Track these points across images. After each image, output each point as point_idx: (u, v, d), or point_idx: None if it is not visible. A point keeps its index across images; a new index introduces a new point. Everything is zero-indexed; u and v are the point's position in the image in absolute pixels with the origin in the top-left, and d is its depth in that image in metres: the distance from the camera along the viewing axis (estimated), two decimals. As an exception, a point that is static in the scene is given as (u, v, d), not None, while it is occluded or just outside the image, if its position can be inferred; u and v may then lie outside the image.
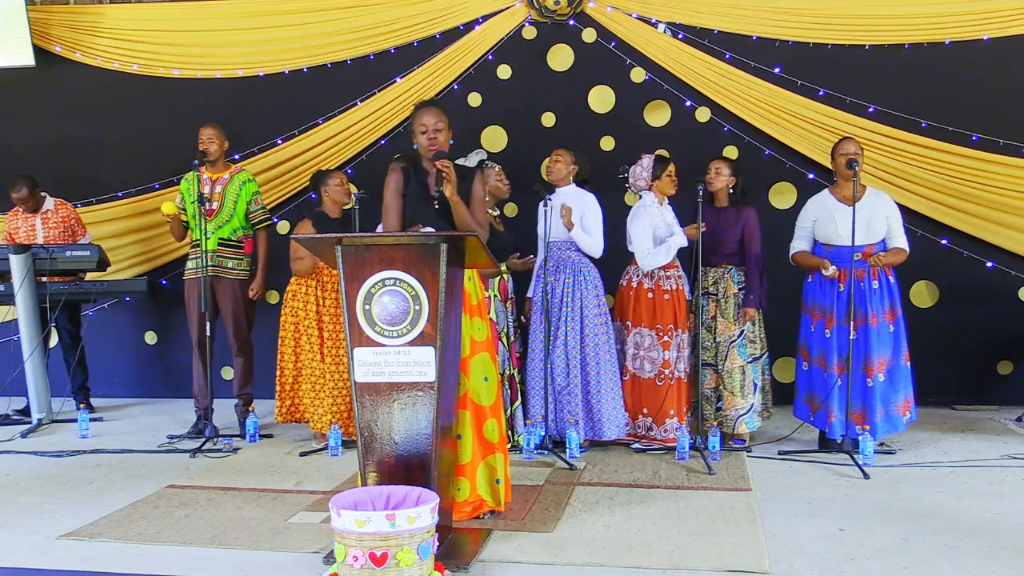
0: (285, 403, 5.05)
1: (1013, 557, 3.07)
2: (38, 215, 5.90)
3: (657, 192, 4.78)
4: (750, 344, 4.77)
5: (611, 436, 4.66)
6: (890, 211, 4.63)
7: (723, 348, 4.76)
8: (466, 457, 3.50)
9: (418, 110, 3.62)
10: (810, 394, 4.72)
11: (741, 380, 4.73)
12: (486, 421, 3.55)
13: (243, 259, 5.36)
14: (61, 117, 6.57)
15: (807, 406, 4.73)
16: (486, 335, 3.61)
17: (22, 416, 5.75)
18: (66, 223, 5.96)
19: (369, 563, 2.59)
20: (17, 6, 6.27)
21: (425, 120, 3.55)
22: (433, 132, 3.53)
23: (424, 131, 3.54)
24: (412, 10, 6.12)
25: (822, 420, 4.63)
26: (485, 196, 3.74)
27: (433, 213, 3.54)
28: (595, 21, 6.00)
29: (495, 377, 3.61)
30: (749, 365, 4.76)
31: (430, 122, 3.54)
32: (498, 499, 3.58)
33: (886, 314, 4.57)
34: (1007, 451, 4.63)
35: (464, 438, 3.49)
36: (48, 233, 5.89)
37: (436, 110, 3.58)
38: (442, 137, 3.55)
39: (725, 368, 4.75)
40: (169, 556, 3.19)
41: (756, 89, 5.82)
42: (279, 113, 6.28)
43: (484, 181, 3.75)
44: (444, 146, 3.56)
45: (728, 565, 3.01)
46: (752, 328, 4.78)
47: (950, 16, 5.68)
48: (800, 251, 4.76)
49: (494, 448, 3.57)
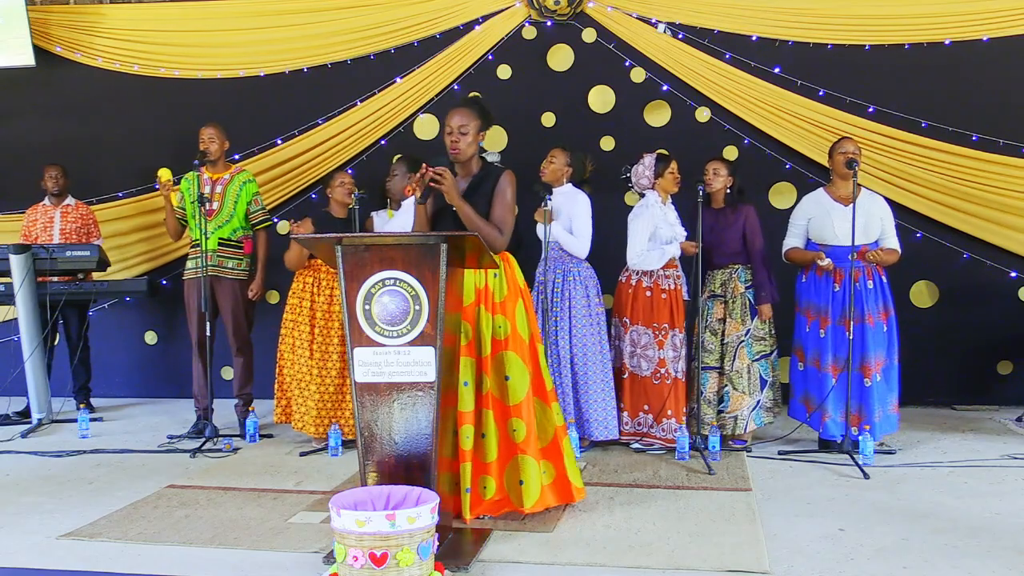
0: (281, 403, 5.04)
1: (1013, 557, 3.07)
2: (58, 208, 5.95)
3: (660, 190, 4.78)
4: (758, 342, 4.76)
5: (600, 437, 4.64)
6: (884, 212, 4.65)
7: (731, 348, 4.75)
8: (491, 456, 3.49)
9: (449, 110, 3.53)
10: (806, 394, 4.72)
11: (748, 379, 4.73)
12: (509, 420, 3.51)
13: (243, 259, 5.36)
14: (61, 117, 6.57)
15: (803, 407, 4.73)
16: (507, 332, 3.52)
17: (22, 418, 5.75)
18: (84, 221, 6.01)
19: (369, 563, 2.59)
20: (17, 6, 6.27)
21: (451, 121, 3.48)
22: (458, 134, 3.46)
23: (449, 132, 3.48)
24: (412, 10, 6.12)
25: (817, 420, 4.63)
26: (513, 196, 3.58)
27: (451, 218, 3.49)
28: (595, 21, 6.00)
29: (526, 376, 3.53)
30: (756, 363, 4.76)
31: (455, 123, 3.47)
32: (520, 500, 3.52)
33: (880, 314, 4.58)
34: (1007, 451, 4.63)
35: (488, 437, 3.48)
36: (66, 227, 5.93)
37: (465, 111, 3.49)
38: (466, 140, 3.47)
39: (734, 368, 4.74)
40: (169, 556, 3.19)
41: (756, 89, 5.82)
42: (279, 113, 6.28)
43: (513, 182, 3.58)
44: (467, 149, 3.49)
45: (728, 565, 3.01)
46: (761, 325, 4.77)
47: (950, 16, 5.68)
48: (793, 247, 4.76)
49: (517, 449, 3.52)
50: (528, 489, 3.51)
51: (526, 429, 3.52)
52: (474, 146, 3.52)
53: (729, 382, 4.74)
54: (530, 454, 3.53)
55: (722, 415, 4.76)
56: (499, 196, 3.53)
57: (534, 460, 3.54)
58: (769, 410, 4.81)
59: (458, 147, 3.48)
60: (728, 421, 4.74)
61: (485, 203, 3.52)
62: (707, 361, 4.76)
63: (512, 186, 3.56)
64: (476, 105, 3.56)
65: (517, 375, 3.52)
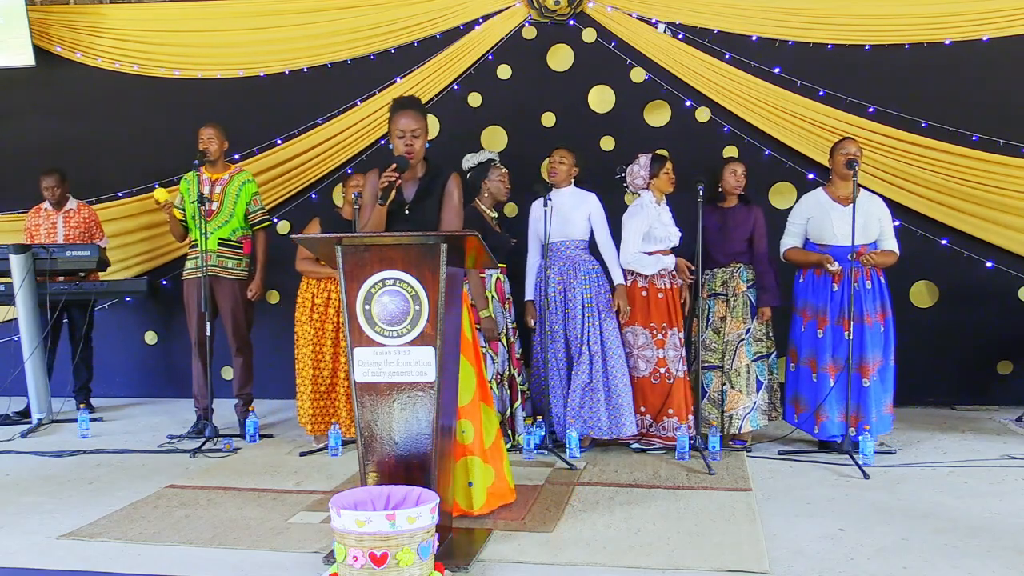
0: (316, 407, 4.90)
1: (1013, 557, 3.07)
2: (60, 213, 5.94)
3: (655, 190, 4.78)
4: (756, 343, 4.76)
5: (629, 433, 4.63)
6: (882, 213, 4.65)
7: (732, 346, 4.75)
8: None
9: (395, 112, 3.45)
10: (796, 396, 4.72)
11: (747, 378, 4.73)
12: (459, 420, 3.49)
13: (242, 259, 5.36)
14: (61, 117, 6.57)
15: (792, 408, 4.73)
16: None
17: (22, 418, 5.75)
18: (87, 224, 6.01)
19: (369, 563, 2.59)
20: (17, 6, 6.27)
21: (402, 124, 3.41)
22: (411, 137, 3.41)
23: (401, 136, 3.42)
24: (412, 10, 6.12)
25: (809, 423, 4.63)
26: (460, 199, 3.54)
27: (404, 220, 3.46)
28: (595, 21, 6.00)
29: (472, 378, 3.55)
30: (754, 363, 4.76)
31: (407, 126, 3.41)
32: (470, 503, 3.54)
33: (878, 314, 4.59)
34: (1007, 451, 4.63)
35: None
36: (69, 232, 5.93)
37: (414, 113, 3.42)
38: (419, 142, 3.43)
39: (733, 367, 4.74)
40: (169, 556, 3.19)
41: (756, 89, 5.82)
42: (279, 113, 6.28)
43: (460, 185, 3.55)
44: (420, 152, 3.45)
45: (728, 565, 3.01)
46: (760, 327, 4.77)
47: (950, 16, 5.68)
48: (793, 247, 4.76)
49: (466, 450, 3.53)
50: (476, 491, 3.54)
51: (473, 431, 3.54)
52: (423, 148, 3.48)
53: (728, 380, 4.74)
54: (477, 455, 3.55)
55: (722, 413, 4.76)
56: (447, 201, 3.49)
57: (481, 461, 3.56)
58: (765, 412, 4.81)
59: (412, 150, 3.42)
60: (724, 419, 4.74)
61: (435, 207, 3.49)
62: (710, 360, 4.75)
63: (459, 188, 3.53)
64: (418, 104, 3.53)
65: (464, 377, 3.48)
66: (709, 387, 4.74)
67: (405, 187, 3.49)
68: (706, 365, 4.73)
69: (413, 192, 3.52)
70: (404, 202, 3.49)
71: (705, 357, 4.73)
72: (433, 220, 3.48)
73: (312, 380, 4.87)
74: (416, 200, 3.50)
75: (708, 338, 4.76)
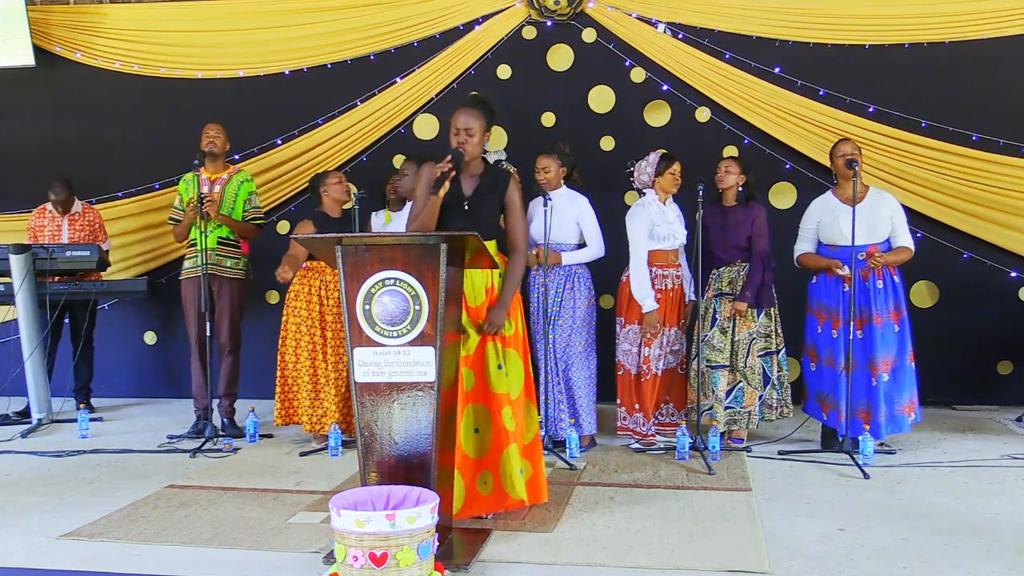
0: (284, 405, 4.98)
1: (1013, 557, 3.07)
2: (66, 216, 5.93)
3: (659, 189, 4.78)
4: (762, 339, 4.76)
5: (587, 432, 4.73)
6: (894, 210, 4.62)
7: (743, 345, 4.74)
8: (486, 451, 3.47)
9: (458, 107, 3.50)
10: (820, 394, 4.72)
11: (758, 376, 4.74)
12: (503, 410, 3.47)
13: (240, 259, 5.36)
14: (61, 117, 6.57)
15: (819, 406, 4.73)
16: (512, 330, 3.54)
17: (22, 418, 5.75)
18: (92, 226, 6.00)
19: (369, 563, 2.59)
20: (17, 6, 6.27)
21: (458, 121, 3.45)
22: (464, 135, 3.44)
23: (456, 132, 3.45)
24: (412, 10, 6.13)
25: (834, 419, 4.63)
26: (523, 206, 3.58)
27: (463, 214, 3.47)
28: (595, 21, 6.00)
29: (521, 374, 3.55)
30: (761, 359, 4.76)
31: (462, 124, 3.44)
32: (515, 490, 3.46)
33: (891, 314, 4.56)
34: (1007, 451, 4.63)
35: (482, 432, 3.47)
36: (74, 235, 5.92)
37: (472, 111, 3.46)
38: (472, 141, 3.44)
39: (747, 364, 4.73)
40: (169, 556, 3.20)
41: (756, 89, 5.82)
42: (279, 113, 6.28)
43: (520, 188, 3.56)
44: (473, 150, 3.46)
45: (728, 565, 3.01)
46: (767, 323, 4.77)
47: (950, 16, 5.68)
48: (805, 253, 4.76)
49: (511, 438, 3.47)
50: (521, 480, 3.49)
51: (515, 425, 3.53)
52: (480, 147, 3.50)
53: (744, 378, 4.74)
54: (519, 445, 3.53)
55: (734, 410, 4.75)
56: (513, 211, 3.56)
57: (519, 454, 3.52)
58: (772, 408, 4.81)
59: (464, 148, 3.45)
60: (741, 416, 4.75)
61: (493, 205, 3.54)
62: (717, 360, 4.75)
63: (520, 193, 3.60)
64: (483, 105, 3.54)
65: (515, 372, 3.54)
66: (717, 386, 4.73)
67: (463, 183, 3.51)
68: (715, 365, 4.73)
69: (472, 188, 3.53)
70: (463, 196, 3.49)
71: (712, 357, 4.73)
72: (490, 217, 3.53)
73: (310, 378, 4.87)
74: (476, 196, 3.51)
75: (716, 338, 4.76)
